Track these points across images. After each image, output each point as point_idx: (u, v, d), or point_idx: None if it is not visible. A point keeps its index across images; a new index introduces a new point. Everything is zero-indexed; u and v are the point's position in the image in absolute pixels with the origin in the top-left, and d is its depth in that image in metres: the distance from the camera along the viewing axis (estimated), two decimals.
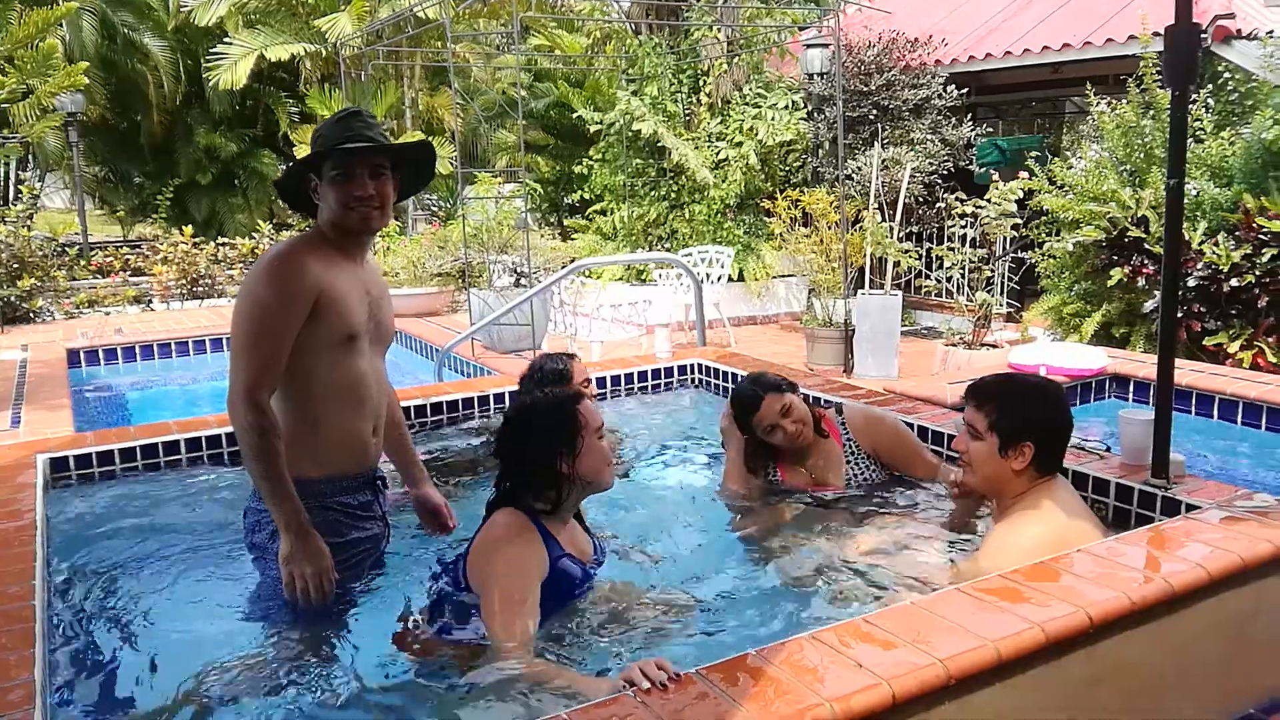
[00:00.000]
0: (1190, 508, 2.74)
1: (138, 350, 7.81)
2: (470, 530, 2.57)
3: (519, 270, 9.01)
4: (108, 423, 5.81)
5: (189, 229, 12.30)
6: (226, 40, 14.45)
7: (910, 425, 3.82)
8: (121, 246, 13.44)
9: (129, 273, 12.06)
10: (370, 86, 14.11)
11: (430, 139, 14.83)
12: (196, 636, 2.55)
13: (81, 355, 7.58)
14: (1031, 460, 2.62)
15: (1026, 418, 2.64)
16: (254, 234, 12.74)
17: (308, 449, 2.53)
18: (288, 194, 2.67)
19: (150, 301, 11.11)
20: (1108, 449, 3.27)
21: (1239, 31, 7.59)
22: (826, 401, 4.07)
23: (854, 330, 8.31)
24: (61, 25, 13.63)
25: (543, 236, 11.99)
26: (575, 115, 12.68)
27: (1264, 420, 4.62)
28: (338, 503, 2.60)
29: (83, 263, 12.18)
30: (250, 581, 2.73)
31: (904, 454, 3.40)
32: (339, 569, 2.52)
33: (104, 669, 2.45)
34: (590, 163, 12.23)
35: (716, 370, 5.12)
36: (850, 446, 3.36)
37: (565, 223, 14.46)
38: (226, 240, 12.51)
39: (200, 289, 11.33)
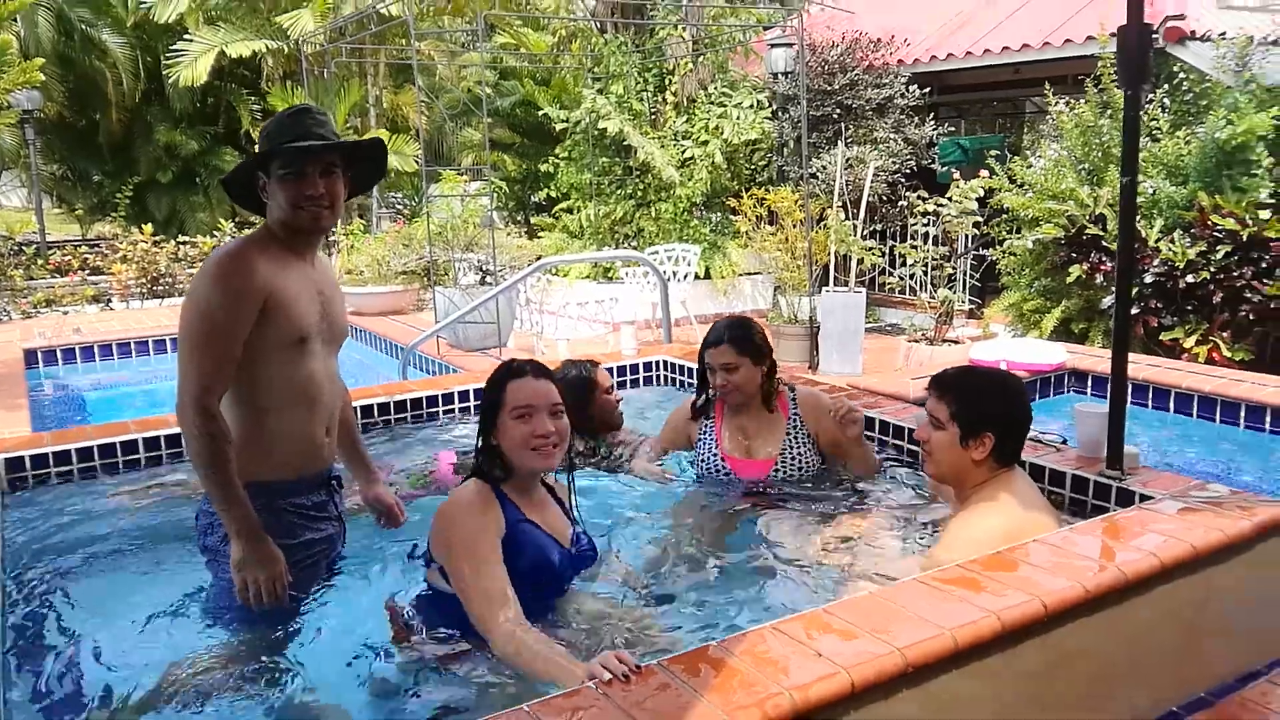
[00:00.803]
0: (1144, 498, 2.79)
1: (96, 350, 7.71)
2: None
3: (484, 268, 8.99)
4: (66, 423, 5.72)
5: (149, 228, 12.16)
6: (187, 37, 14.27)
7: (873, 420, 3.87)
8: (80, 245, 13.24)
9: (87, 272, 11.90)
10: (334, 84, 14.00)
11: (394, 137, 14.76)
12: (153, 639, 2.51)
13: (39, 355, 7.47)
14: (991, 451, 2.66)
15: (987, 409, 2.68)
16: (215, 232, 12.62)
17: (259, 451, 2.49)
18: (236, 192, 2.61)
19: (109, 301, 10.97)
20: (1064, 441, 3.32)
21: (1193, 33, 7.72)
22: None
23: (819, 327, 8.36)
24: (16, 20, 13.39)
25: (509, 235, 11.96)
26: (541, 113, 12.68)
27: (1218, 414, 4.72)
28: (291, 504, 2.57)
29: (40, 262, 11.99)
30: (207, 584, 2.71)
31: (845, 443, 3.43)
32: (293, 570, 2.49)
33: (61, 671, 2.41)
34: (556, 161, 12.22)
35: (682, 367, 5.14)
36: (795, 422, 3.43)
37: (531, 221, 14.45)
38: (187, 239, 12.36)
39: (160, 288, 11.20)
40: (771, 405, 3.44)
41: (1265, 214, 5.97)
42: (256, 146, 2.55)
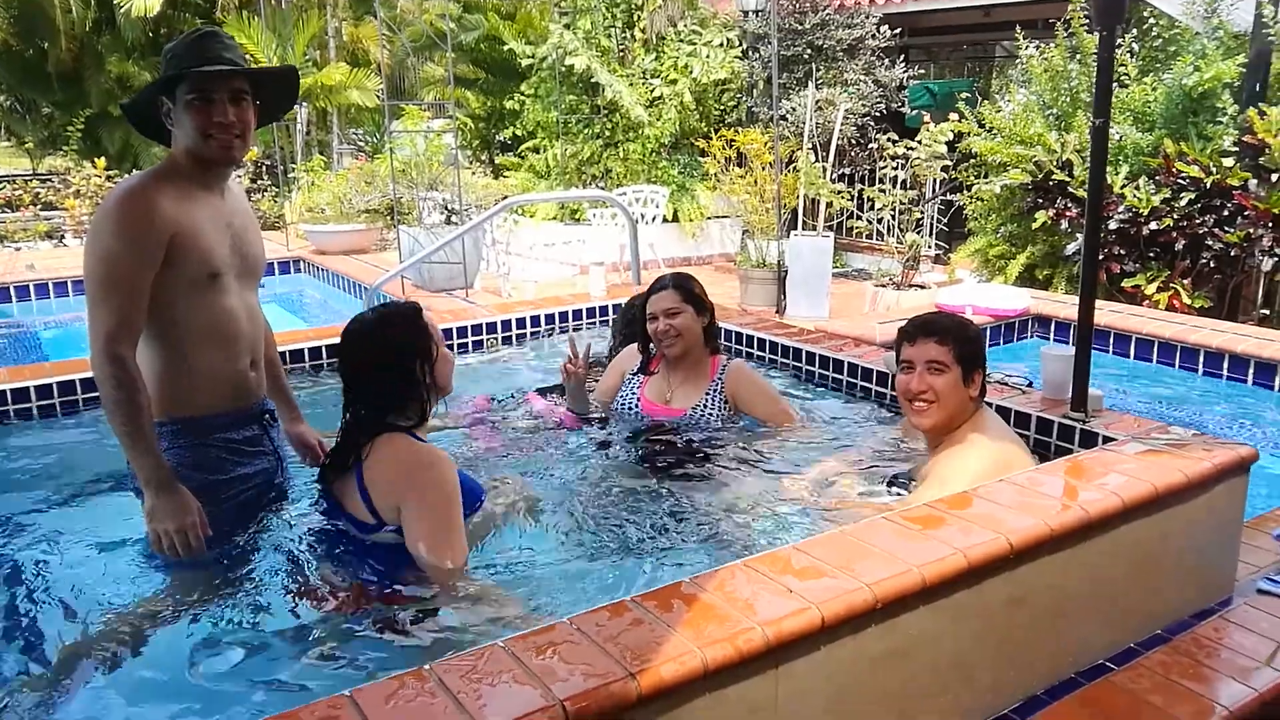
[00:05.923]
0: (1107, 440, 2.84)
1: (51, 287, 7.54)
2: None
3: (450, 207, 8.86)
4: (21, 361, 5.60)
5: (102, 161, 11.82)
6: None
7: (841, 362, 3.91)
8: (31, 179, 12.86)
9: (39, 207, 11.59)
10: (291, 15, 13.60)
11: (355, 71, 14.43)
12: (105, 580, 2.44)
13: None
14: (981, 388, 2.73)
15: (978, 348, 2.76)
16: None
17: (181, 389, 2.42)
18: (138, 118, 2.50)
19: (63, 237, 10.71)
20: (1030, 384, 3.36)
21: None
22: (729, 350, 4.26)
23: (786, 272, 8.37)
24: None
25: (474, 173, 11.77)
26: (506, 49, 12.39)
27: (1177, 359, 4.80)
28: (219, 439, 2.50)
29: None
30: None
31: (764, 409, 3.46)
32: (226, 504, 2.44)
33: (11, 613, 2.37)
34: (522, 98, 11.99)
35: None
36: (718, 385, 3.46)
37: (497, 160, 14.21)
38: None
39: None
40: (705, 362, 3.47)
41: (1229, 162, 6.03)
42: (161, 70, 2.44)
